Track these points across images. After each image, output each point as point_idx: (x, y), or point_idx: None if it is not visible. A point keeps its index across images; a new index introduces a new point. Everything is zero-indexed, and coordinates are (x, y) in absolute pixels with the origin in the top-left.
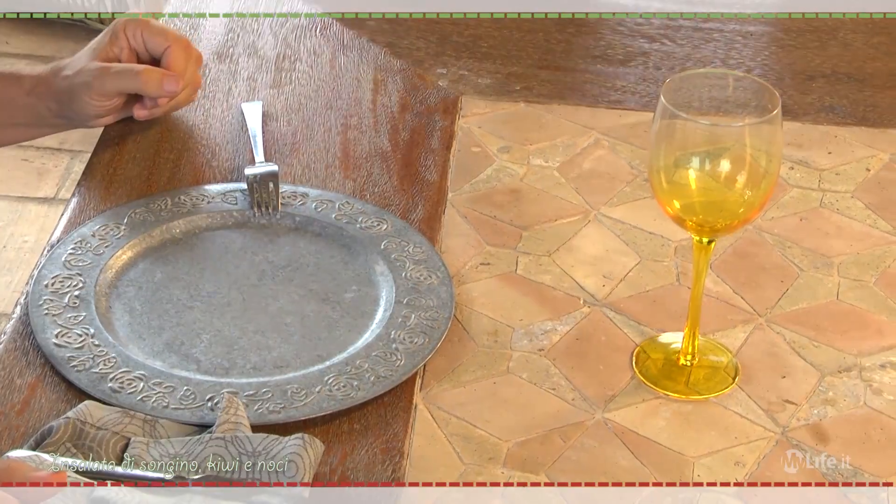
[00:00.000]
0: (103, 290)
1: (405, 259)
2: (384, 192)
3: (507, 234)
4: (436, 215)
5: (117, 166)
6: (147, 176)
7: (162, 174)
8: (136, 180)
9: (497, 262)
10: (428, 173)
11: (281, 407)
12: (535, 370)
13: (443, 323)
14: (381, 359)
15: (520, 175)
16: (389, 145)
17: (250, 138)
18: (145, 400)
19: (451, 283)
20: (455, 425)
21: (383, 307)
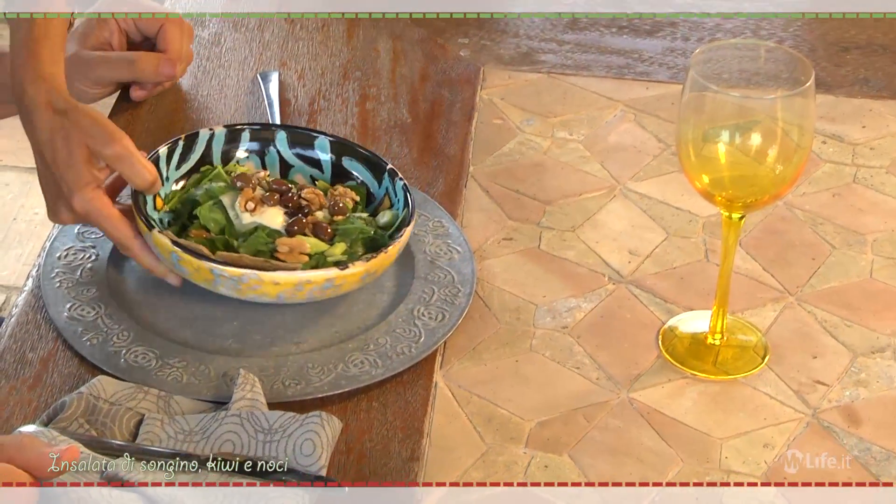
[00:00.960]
0: (117, 263)
1: (426, 233)
2: (404, 165)
3: (530, 208)
4: (457, 189)
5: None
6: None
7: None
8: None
9: (520, 237)
10: (449, 146)
11: (298, 384)
12: (558, 348)
13: (464, 299)
14: (401, 336)
15: (543, 148)
16: (409, 117)
17: (266, 109)
18: (159, 375)
19: (472, 259)
20: (476, 404)
21: (403, 282)
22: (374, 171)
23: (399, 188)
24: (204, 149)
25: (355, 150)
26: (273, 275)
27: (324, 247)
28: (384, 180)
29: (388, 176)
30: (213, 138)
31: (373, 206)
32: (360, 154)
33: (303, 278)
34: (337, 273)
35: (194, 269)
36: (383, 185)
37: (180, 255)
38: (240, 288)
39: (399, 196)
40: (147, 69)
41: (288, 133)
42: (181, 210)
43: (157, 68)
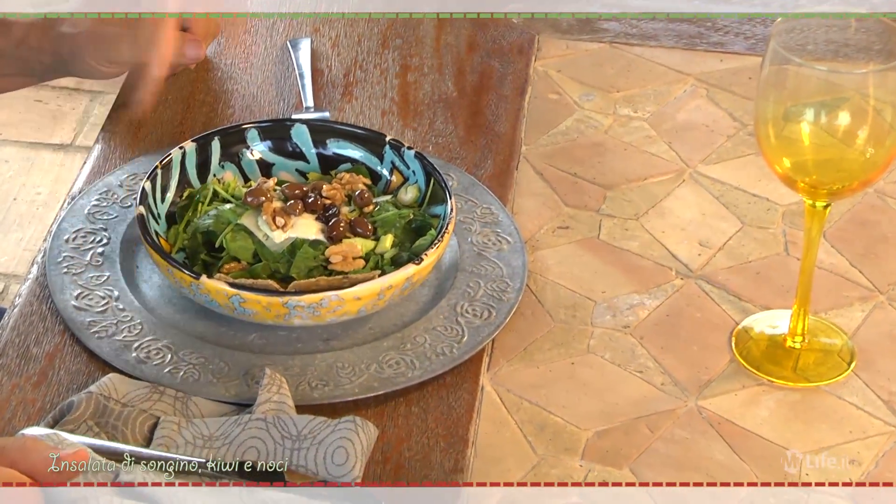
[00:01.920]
0: (130, 248)
1: (472, 221)
2: (448, 143)
3: (589, 193)
4: (507, 171)
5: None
6: (180, 121)
7: (197, 119)
8: (168, 125)
9: (577, 225)
10: (499, 123)
11: (326, 386)
12: (618, 350)
13: (513, 294)
14: (443, 334)
15: (604, 126)
16: (455, 90)
17: (297, 80)
18: (174, 373)
19: (523, 249)
20: (527, 411)
21: (446, 275)
22: (369, 147)
23: (410, 158)
24: (179, 172)
25: (340, 129)
26: (354, 290)
27: (371, 244)
28: (385, 154)
29: (391, 148)
30: (185, 157)
31: (382, 186)
32: (346, 132)
33: (384, 285)
34: (415, 269)
35: (263, 307)
36: (386, 160)
37: (244, 298)
38: (318, 314)
39: (413, 166)
40: (171, 51)
41: (258, 129)
42: (194, 246)
43: (182, 50)
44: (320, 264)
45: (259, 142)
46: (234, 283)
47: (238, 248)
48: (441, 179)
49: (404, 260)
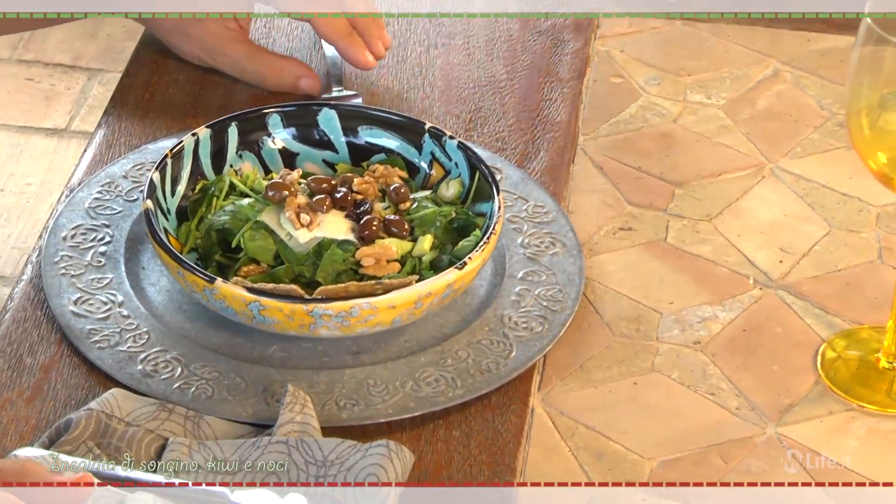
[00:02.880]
0: (136, 247)
1: (522, 221)
2: (496, 132)
3: (655, 191)
4: (562, 165)
5: (155, 91)
6: (193, 104)
7: (212, 102)
8: (180, 109)
9: (641, 226)
10: (554, 110)
11: (356, 405)
12: (687, 369)
13: (569, 304)
14: (488, 348)
15: (673, 115)
16: (504, 72)
17: (325, 59)
18: (184, 389)
19: (580, 253)
20: (583, 436)
21: (491, 282)
22: (406, 135)
23: (453, 148)
24: (192, 162)
25: (373, 114)
26: (388, 298)
27: (408, 245)
28: (424, 144)
29: (431, 137)
30: (199, 145)
31: (420, 180)
32: (380, 119)
33: (422, 292)
34: (457, 275)
35: (285, 316)
36: (425, 151)
37: (264, 305)
38: (348, 324)
39: (456, 158)
40: (285, 81)
41: (281, 113)
42: (208, 246)
43: (296, 82)
44: (350, 268)
45: (282, 128)
46: (252, 289)
47: (257, 249)
48: (487, 173)
49: (445, 264)
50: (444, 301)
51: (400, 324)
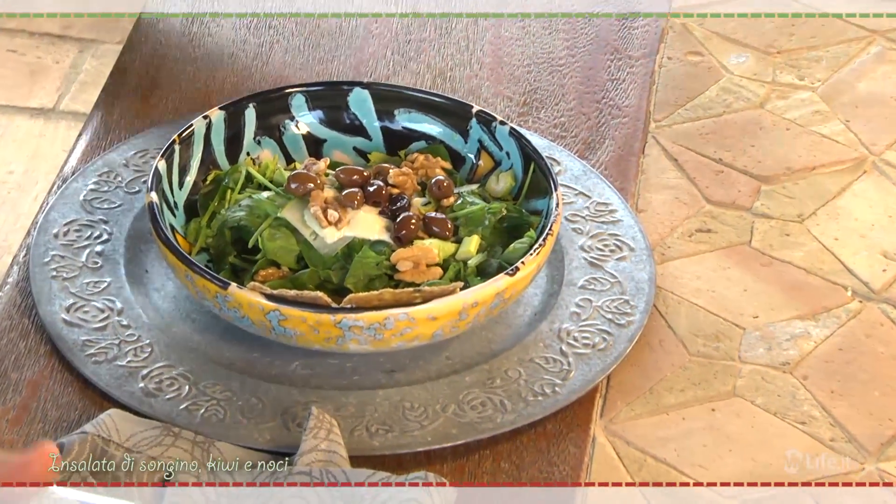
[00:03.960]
0: (137, 246)
1: (583, 220)
2: (554, 117)
3: (738, 186)
4: (631, 156)
5: (161, 66)
6: (205, 81)
7: (226, 79)
8: (189, 87)
9: (722, 228)
10: (621, 92)
11: (390, 432)
12: (774, 393)
13: (636, 317)
14: (543, 367)
15: (760, 98)
16: (564, 47)
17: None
18: (193, 410)
19: (650, 259)
20: (652, 470)
21: (547, 290)
22: (450, 120)
23: (504, 135)
24: (203, 148)
25: (412, 96)
26: (428, 307)
27: (452, 248)
28: (471, 130)
29: (479, 123)
30: (211, 129)
31: (466, 172)
32: (420, 100)
33: (467, 301)
34: (508, 282)
35: (309, 327)
36: (472, 138)
37: (285, 314)
38: (381, 337)
39: (508, 147)
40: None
41: (306, 94)
42: (221, 246)
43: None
44: (384, 273)
45: (307, 111)
46: (272, 296)
47: (278, 250)
48: (544, 165)
49: (494, 269)
50: (493, 312)
51: (441, 338)
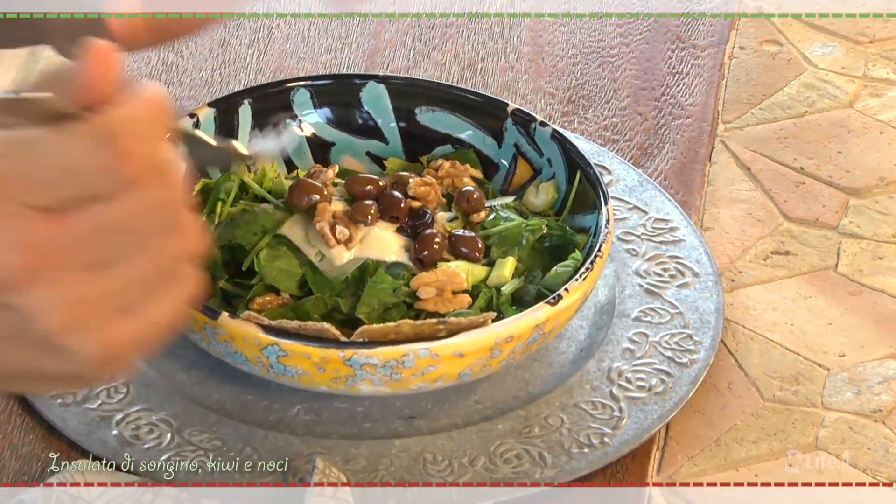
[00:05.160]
0: None
1: (638, 239)
2: (604, 118)
3: (823, 200)
4: (695, 163)
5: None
6: (191, 72)
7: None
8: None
9: (803, 250)
10: (684, 87)
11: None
12: (864, 446)
13: (701, 355)
14: (590, 413)
15: (849, 96)
16: (616, 34)
17: None
18: (176, 461)
19: (718, 286)
20: None
21: (595, 322)
22: (482, 120)
23: (545, 139)
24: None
25: (436, 92)
26: (455, 342)
27: (483, 271)
28: (506, 132)
29: (516, 124)
30: (199, 129)
31: (500, 182)
32: (446, 97)
33: (500, 335)
34: (549, 312)
35: (314, 365)
36: (507, 142)
37: (285, 349)
38: (399, 377)
39: (549, 153)
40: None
41: (311, 88)
42: (210, 268)
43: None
44: (402, 301)
45: (312, 109)
46: (270, 327)
47: (277, 274)
48: (592, 174)
49: (532, 297)
50: (531, 348)
51: (470, 378)
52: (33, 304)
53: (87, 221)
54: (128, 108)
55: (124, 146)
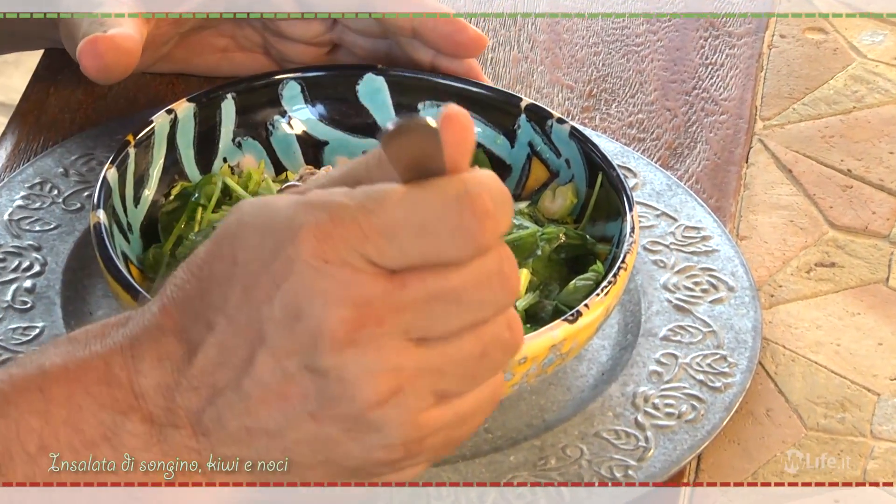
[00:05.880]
0: (80, 281)
1: (667, 249)
2: (629, 113)
3: (873, 206)
4: (730, 164)
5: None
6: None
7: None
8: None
9: (851, 262)
10: (718, 80)
11: None
12: None
13: (737, 379)
14: (613, 443)
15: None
16: (642, 22)
17: None
18: None
19: (755, 302)
20: None
21: (618, 342)
22: (492, 115)
23: (562, 137)
24: (166, 152)
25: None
26: None
27: None
28: (520, 130)
29: (530, 120)
30: (177, 127)
31: (513, 185)
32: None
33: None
34: (567, 331)
35: None
36: (520, 141)
37: None
38: None
39: (567, 153)
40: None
41: (302, 81)
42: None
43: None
44: None
45: (302, 103)
46: None
47: None
48: (615, 176)
49: (548, 314)
50: (547, 371)
51: None
52: (348, 369)
53: (426, 286)
54: (479, 171)
55: (485, 208)
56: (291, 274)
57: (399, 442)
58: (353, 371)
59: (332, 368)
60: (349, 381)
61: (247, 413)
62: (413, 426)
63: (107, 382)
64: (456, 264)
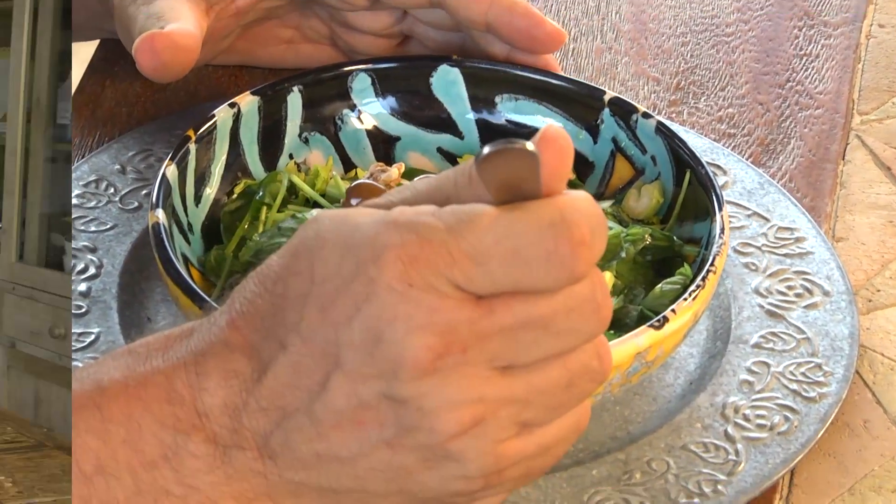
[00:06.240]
0: (137, 284)
1: (758, 251)
2: (719, 108)
3: None
4: (826, 161)
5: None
6: None
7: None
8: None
9: None
10: (813, 73)
11: None
12: None
13: (833, 388)
14: (701, 456)
15: None
16: (733, 9)
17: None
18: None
19: (852, 307)
20: None
21: (707, 350)
22: (573, 110)
23: (648, 133)
24: (229, 148)
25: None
26: None
27: None
28: (603, 125)
29: (613, 115)
30: (240, 122)
31: (595, 184)
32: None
33: None
34: (653, 337)
35: None
36: (603, 136)
37: None
38: None
39: (654, 149)
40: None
41: (372, 73)
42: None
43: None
44: None
45: (373, 96)
46: None
47: None
48: (704, 174)
49: (633, 319)
50: (632, 380)
51: None
52: (428, 399)
53: (514, 313)
54: (574, 195)
55: (581, 236)
56: (373, 296)
57: (478, 474)
58: (435, 402)
59: (411, 398)
60: (429, 412)
61: (318, 438)
62: (493, 457)
63: (168, 400)
64: (551, 292)
